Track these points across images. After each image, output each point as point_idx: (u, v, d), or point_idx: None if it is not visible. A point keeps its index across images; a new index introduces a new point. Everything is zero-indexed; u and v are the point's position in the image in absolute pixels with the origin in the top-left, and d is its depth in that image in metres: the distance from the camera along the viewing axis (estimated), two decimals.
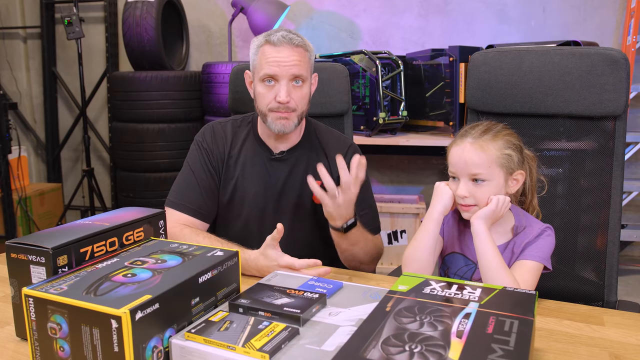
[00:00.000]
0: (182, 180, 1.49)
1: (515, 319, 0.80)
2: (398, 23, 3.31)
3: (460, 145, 1.14)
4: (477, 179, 1.12)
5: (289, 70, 1.36)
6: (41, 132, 4.14)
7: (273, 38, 1.37)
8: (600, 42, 2.95)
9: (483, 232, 1.09)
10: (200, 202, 1.45)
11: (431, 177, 3.38)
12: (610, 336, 0.95)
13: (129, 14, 3.15)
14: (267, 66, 1.36)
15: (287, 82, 1.37)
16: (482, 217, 1.10)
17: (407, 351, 0.71)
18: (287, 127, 1.40)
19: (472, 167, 1.12)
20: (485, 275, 1.08)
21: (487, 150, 1.12)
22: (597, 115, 1.33)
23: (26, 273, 0.88)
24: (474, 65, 1.45)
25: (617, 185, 1.33)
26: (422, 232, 1.17)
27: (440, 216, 1.16)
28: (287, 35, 1.38)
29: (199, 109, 3.23)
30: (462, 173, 1.13)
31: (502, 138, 1.14)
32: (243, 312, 0.89)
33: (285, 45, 1.36)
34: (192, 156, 1.50)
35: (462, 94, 2.68)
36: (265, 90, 1.38)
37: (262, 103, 1.40)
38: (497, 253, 1.08)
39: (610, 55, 1.30)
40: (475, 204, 1.13)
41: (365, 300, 0.96)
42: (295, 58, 1.37)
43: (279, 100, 1.36)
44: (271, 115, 1.40)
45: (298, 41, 1.38)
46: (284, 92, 1.36)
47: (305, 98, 1.42)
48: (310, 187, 1.30)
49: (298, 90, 1.39)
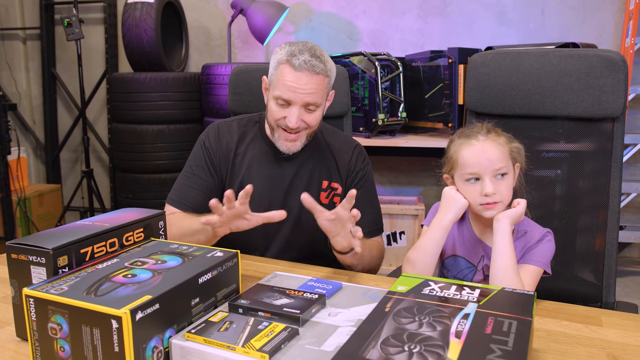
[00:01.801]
0: (183, 178, 1.50)
1: (514, 319, 0.80)
2: (397, 24, 3.32)
3: (476, 145, 1.14)
4: (501, 173, 1.14)
5: (304, 98, 1.35)
6: (40, 133, 4.14)
7: (295, 62, 1.33)
8: (599, 44, 2.96)
9: (507, 231, 1.09)
10: (196, 200, 1.46)
11: (430, 179, 3.39)
12: (608, 337, 0.95)
13: (128, 15, 3.16)
14: (283, 89, 1.35)
15: (299, 107, 1.36)
16: (509, 217, 1.10)
17: (406, 351, 0.72)
18: (292, 149, 1.42)
19: (496, 162, 1.13)
20: (496, 274, 1.07)
21: (501, 145, 1.15)
22: (596, 116, 1.33)
23: (26, 273, 0.88)
24: (472, 67, 1.46)
25: (616, 186, 1.34)
26: (430, 238, 1.16)
27: (450, 225, 1.16)
28: (309, 61, 1.33)
29: (199, 110, 3.23)
30: (486, 171, 1.13)
31: (502, 134, 1.18)
32: (243, 313, 0.90)
33: (306, 72, 1.33)
34: (194, 155, 1.52)
35: (461, 96, 2.68)
36: (277, 108, 1.38)
37: (271, 118, 1.41)
38: (513, 255, 1.08)
39: (608, 57, 1.30)
40: (500, 201, 1.14)
41: (365, 301, 0.96)
42: (313, 87, 1.34)
43: (288, 124, 1.36)
44: (279, 132, 1.41)
45: (320, 69, 1.34)
46: (295, 118, 1.35)
47: (316, 120, 1.41)
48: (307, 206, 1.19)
49: (309, 114, 1.39)
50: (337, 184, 1.51)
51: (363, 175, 1.52)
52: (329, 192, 1.50)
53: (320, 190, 1.50)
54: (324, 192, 1.49)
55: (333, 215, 1.15)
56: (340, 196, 1.50)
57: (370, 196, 1.53)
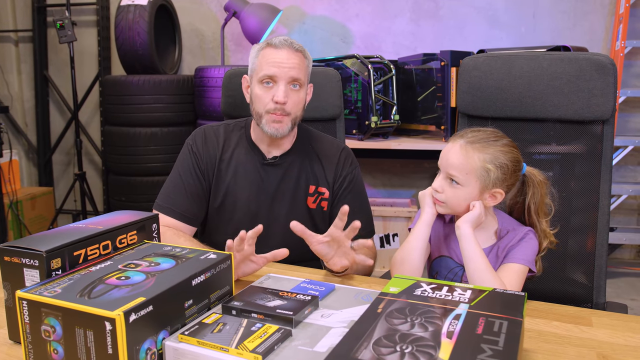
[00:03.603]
0: (170, 183, 1.50)
1: (505, 319, 0.81)
2: (390, 28, 3.33)
3: (452, 144, 1.18)
4: (451, 179, 1.16)
5: (288, 72, 1.39)
6: (33, 136, 4.13)
7: (274, 41, 1.41)
8: (590, 47, 2.98)
9: (469, 234, 1.12)
10: (186, 206, 1.46)
11: (423, 181, 3.40)
12: (598, 337, 0.96)
13: (121, 18, 3.15)
14: (267, 67, 1.39)
15: (285, 84, 1.39)
16: (468, 221, 1.13)
17: (398, 352, 0.72)
18: (280, 131, 1.41)
19: (450, 167, 1.15)
20: (472, 277, 1.10)
21: (470, 158, 1.13)
22: (586, 119, 1.35)
23: (20, 276, 0.88)
24: (464, 70, 1.47)
25: (605, 188, 1.35)
26: (414, 235, 1.19)
27: (431, 218, 1.19)
28: (287, 39, 1.42)
29: (192, 112, 3.23)
30: (443, 169, 1.18)
31: (492, 152, 1.13)
32: (236, 314, 0.90)
33: (286, 48, 1.40)
34: (181, 160, 1.51)
35: (454, 98, 2.70)
36: (263, 91, 1.40)
37: (259, 105, 1.42)
38: (482, 255, 1.10)
39: (598, 60, 1.32)
40: (443, 201, 1.17)
41: (357, 302, 0.97)
42: (295, 61, 1.40)
43: (276, 99, 1.38)
44: (266, 117, 1.41)
45: (298, 46, 1.42)
46: (282, 92, 1.38)
47: (300, 103, 1.44)
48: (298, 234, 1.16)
49: (295, 94, 1.41)
50: (324, 189, 1.51)
51: (351, 180, 1.52)
52: (316, 197, 1.50)
53: (307, 195, 1.50)
54: (311, 197, 1.50)
55: (327, 237, 1.15)
56: (327, 200, 1.51)
57: (360, 200, 1.54)
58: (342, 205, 1.48)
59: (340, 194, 1.51)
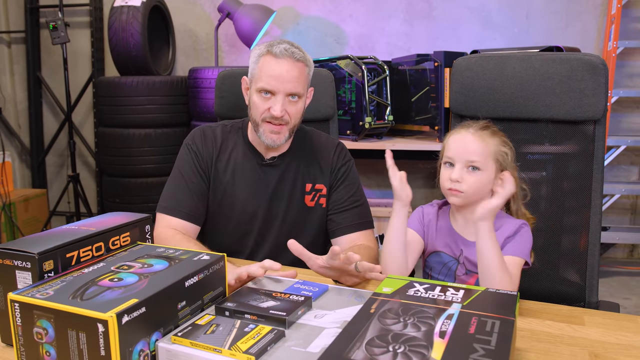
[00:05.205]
0: (172, 184, 1.48)
1: (497, 319, 0.81)
2: (384, 28, 3.34)
3: (462, 134, 1.19)
4: (473, 166, 1.16)
5: (287, 87, 1.37)
6: (26, 138, 4.11)
7: (275, 50, 1.37)
8: (583, 48, 3.00)
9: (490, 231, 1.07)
10: (191, 205, 1.45)
11: (417, 181, 3.40)
12: (590, 335, 0.97)
13: (114, 19, 3.14)
14: (266, 78, 1.37)
15: (283, 97, 1.38)
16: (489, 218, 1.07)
17: (390, 352, 0.72)
18: (277, 142, 1.42)
19: (471, 154, 1.16)
20: (486, 274, 1.07)
21: (487, 143, 1.18)
22: (578, 119, 1.35)
23: (12, 278, 0.88)
24: (457, 71, 1.47)
25: (597, 187, 1.36)
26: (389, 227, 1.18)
27: (402, 208, 1.17)
28: (289, 48, 1.38)
29: (186, 114, 3.22)
30: (460, 158, 1.17)
31: (500, 137, 1.21)
32: (229, 315, 0.90)
33: (287, 59, 1.37)
34: (181, 159, 1.50)
35: (448, 99, 2.70)
36: (261, 101, 1.39)
37: (256, 112, 1.41)
38: (500, 254, 1.08)
39: (589, 60, 1.32)
40: (463, 191, 1.17)
41: (350, 303, 0.97)
42: (294, 74, 1.37)
43: (273, 114, 1.37)
44: (263, 127, 1.41)
45: (299, 56, 1.39)
46: (279, 107, 1.37)
47: (299, 113, 1.43)
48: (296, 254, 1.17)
49: (293, 105, 1.40)
50: (321, 185, 1.51)
51: (345, 171, 1.52)
52: (314, 195, 1.50)
53: (305, 193, 1.50)
54: (308, 195, 1.50)
55: (325, 264, 1.13)
56: (325, 197, 1.51)
57: (356, 191, 1.53)
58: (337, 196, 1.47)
59: (334, 184, 1.51)
